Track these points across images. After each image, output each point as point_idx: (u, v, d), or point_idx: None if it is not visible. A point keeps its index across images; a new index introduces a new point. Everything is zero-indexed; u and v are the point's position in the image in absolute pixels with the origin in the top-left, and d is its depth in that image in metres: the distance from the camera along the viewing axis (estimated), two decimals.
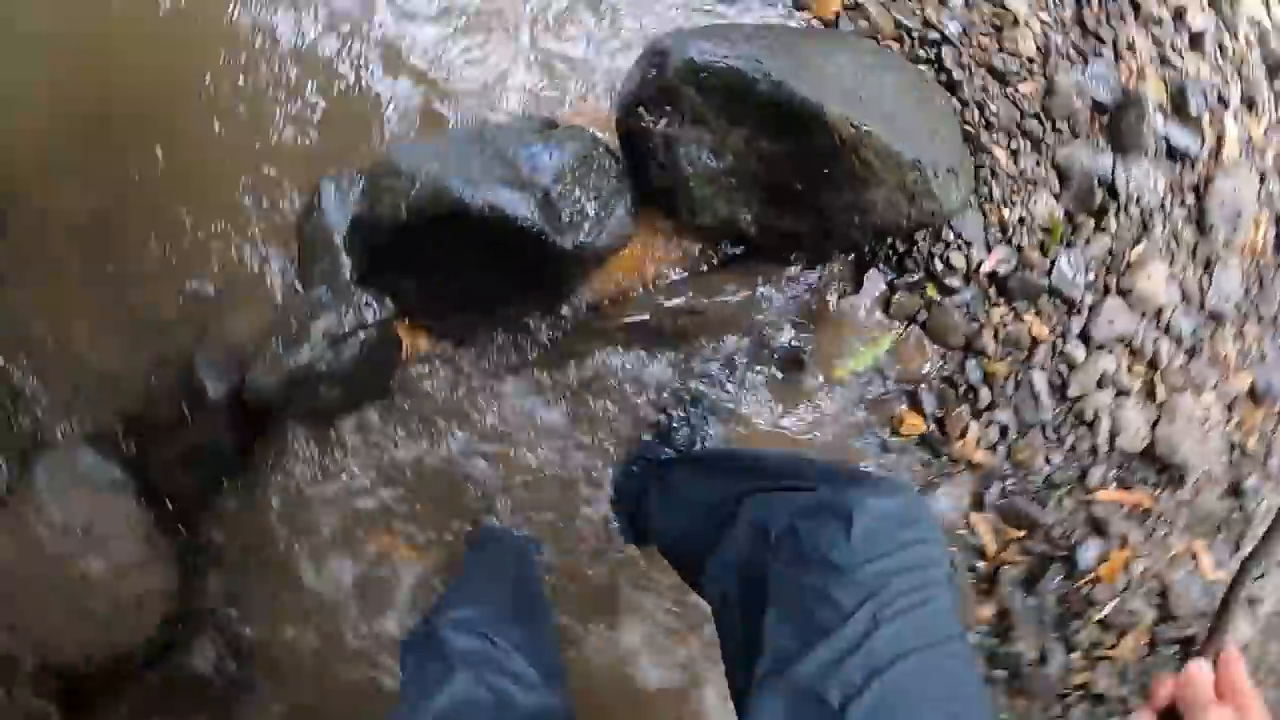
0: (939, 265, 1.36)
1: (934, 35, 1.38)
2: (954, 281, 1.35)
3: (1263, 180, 1.41)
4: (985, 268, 1.35)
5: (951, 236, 1.35)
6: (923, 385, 1.38)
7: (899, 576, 0.60)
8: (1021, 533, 1.37)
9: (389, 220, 1.11)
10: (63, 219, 1.39)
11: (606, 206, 1.17)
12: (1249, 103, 1.43)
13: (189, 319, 1.35)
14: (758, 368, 1.38)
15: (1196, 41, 1.41)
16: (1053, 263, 1.35)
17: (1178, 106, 1.37)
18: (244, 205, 1.36)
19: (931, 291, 1.37)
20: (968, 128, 1.35)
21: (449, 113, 1.39)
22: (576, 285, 1.27)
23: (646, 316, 1.32)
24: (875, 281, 1.39)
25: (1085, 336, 1.35)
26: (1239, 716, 0.46)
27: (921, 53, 1.39)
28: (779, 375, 1.37)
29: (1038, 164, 1.37)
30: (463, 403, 1.34)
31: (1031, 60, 1.38)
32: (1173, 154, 1.37)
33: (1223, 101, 1.39)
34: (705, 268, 1.36)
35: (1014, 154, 1.37)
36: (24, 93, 1.42)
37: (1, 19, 1.43)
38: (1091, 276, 1.36)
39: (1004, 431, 1.36)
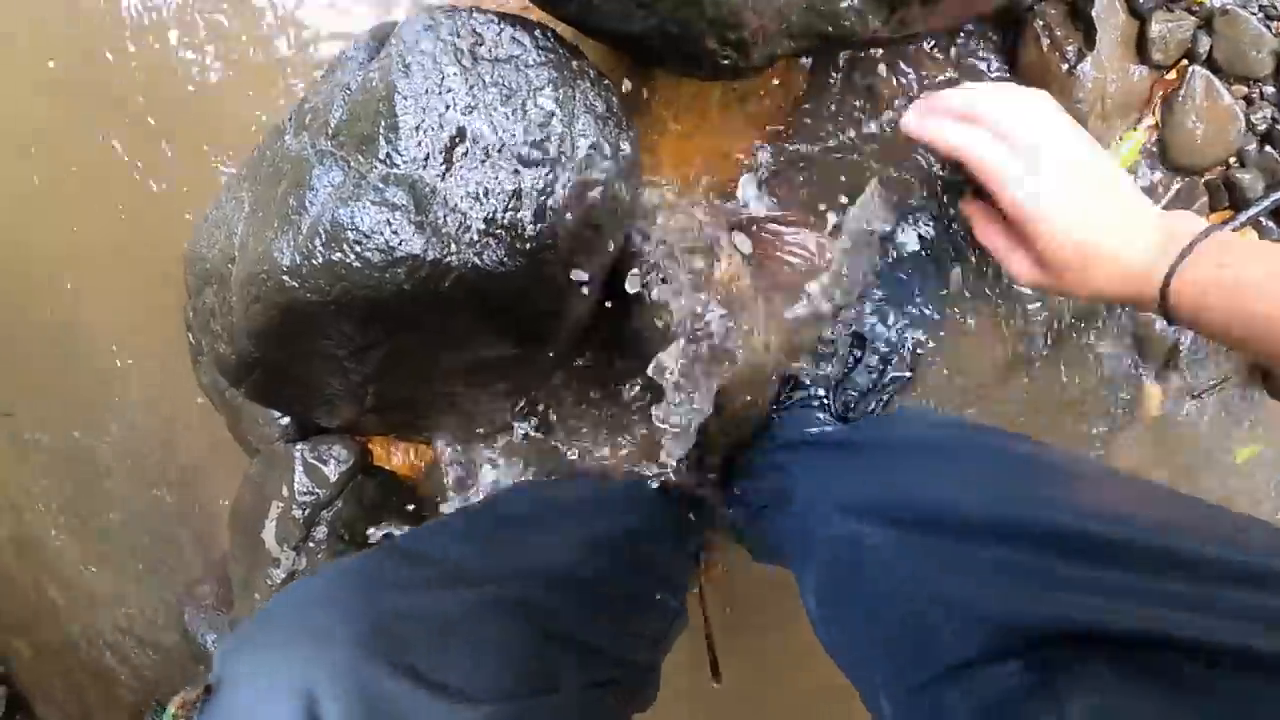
0: None
1: None
2: None
3: None
4: None
5: None
6: (1231, 162, 0.81)
7: None
8: None
9: (251, 341, 0.57)
10: None
11: (567, 146, 0.53)
12: None
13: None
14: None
15: None
16: None
17: None
18: None
19: None
20: None
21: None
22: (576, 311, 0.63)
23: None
24: (1112, 15, 0.78)
25: None
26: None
27: None
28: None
29: None
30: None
31: None
32: None
33: None
34: (798, 120, 0.77)
35: None
36: None
37: None
38: None
39: None
